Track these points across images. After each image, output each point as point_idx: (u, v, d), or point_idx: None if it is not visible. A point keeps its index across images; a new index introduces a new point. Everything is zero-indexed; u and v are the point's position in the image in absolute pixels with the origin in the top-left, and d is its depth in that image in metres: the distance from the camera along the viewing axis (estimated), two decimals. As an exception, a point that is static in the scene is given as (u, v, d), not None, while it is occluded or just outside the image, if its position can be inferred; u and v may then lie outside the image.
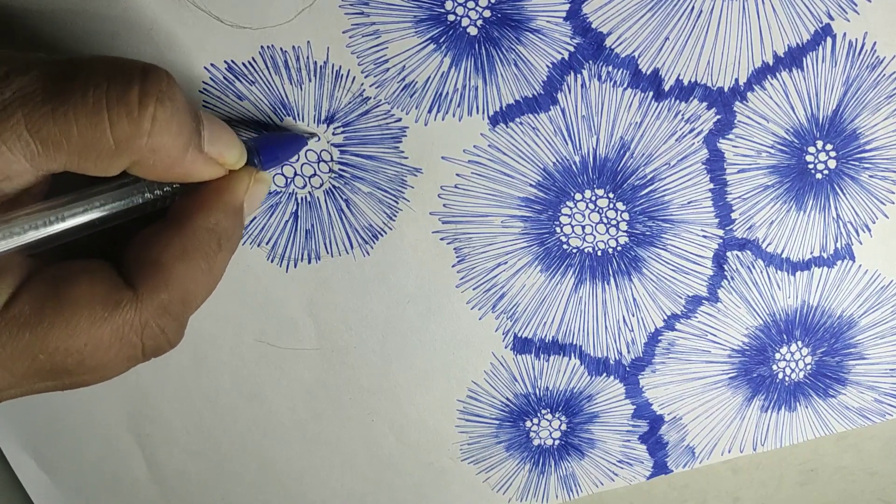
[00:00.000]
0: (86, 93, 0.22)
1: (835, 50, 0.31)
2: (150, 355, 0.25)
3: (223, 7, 0.29)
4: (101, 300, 0.24)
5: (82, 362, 0.24)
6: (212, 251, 0.26)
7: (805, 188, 0.33)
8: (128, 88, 0.23)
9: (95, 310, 0.23)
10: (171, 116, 0.23)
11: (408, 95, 0.31)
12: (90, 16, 0.28)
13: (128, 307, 0.24)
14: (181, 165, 0.24)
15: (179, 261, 0.25)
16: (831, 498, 0.40)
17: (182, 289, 0.25)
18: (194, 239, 0.25)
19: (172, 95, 0.23)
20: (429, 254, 0.33)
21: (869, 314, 0.35)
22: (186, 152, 0.24)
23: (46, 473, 0.36)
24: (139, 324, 0.24)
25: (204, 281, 0.26)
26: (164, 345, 0.26)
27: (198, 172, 0.25)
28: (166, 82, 0.23)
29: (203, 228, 0.26)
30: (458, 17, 0.30)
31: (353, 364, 0.35)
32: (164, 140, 0.23)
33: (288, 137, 0.30)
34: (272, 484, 0.37)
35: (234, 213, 0.27)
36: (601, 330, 0.35)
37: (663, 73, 0.31)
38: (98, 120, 0.22)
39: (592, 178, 0.32)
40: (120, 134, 0.22)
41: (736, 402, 0.37)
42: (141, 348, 0.25)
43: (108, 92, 0.22)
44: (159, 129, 0.23)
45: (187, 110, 0.24)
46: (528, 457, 0.37)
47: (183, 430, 0.36)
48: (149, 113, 0.23)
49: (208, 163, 0.25)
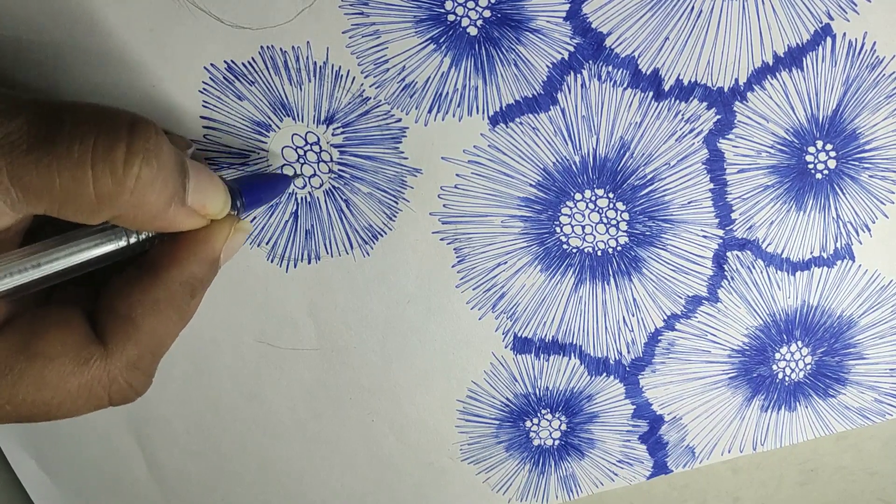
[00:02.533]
0: (71, 146, 0.22)
1: (835, 50, 0.31)
2: (117, 405, 0.26)
3: (223, 7, 0.29)
4: (71, 355, 0.24)
5: (48, 412, 0.24)
6: (184, 302, 0.26)
7: (805, 188, 0.33)
8: (114, 145, 0.22)
9: (66, 364, 0.23)
10: (157, 174, 0.23)
11: (408, 95, 0.31)
12: (90, 16, 0.28)
13: (97, 363, 0.24)
14: (163, 218, 0.24)
15: (151, 315, 0.25)
16: (831, 498, 0.40)
17: (151, 342, 0.25)
18: (168, 292, 0.25)
19: (159, 153, 0.23)
20: (429, 254, 0.33)
21: (869, 314, 0.35)
22: (169, 207, 0.24)
23: (46, 473, 0.36)
24: (107, 379, 0.24)
25: (174, 329, 0.26)
26: (132, 396, 0.26)
27: (179, 224, 0.25)
28: (154, 139, 0.23)
29: (177, 282, 0.26)
30: (458, 17, 0.30)
31: (353, 364, 0.35)
32: (148, 198, 0.23)
33: (272, 178, 0.30)
34: (272, 484, 0.37)
35: (210, 265, 0.27)
36: (601, 330, 0.35)
37: (663, 73, 0.31)
38: (81, 175, 0.22)
39: (592, 178, 0.32)
40: (103, 190, 0.22)
41: (736, 402, 0.37)
42: (108, 399, 0.25)
43: (94, 147, 0.22)
44: (143, 187, 0.23)
45: (174, 166, 0.24)
46: (528, 457, 0.37)
47: (183, 430, 0.36)
48: (133, 172, 0.22)
49: (190, 215, 0.25)
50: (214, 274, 0.27)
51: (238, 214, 0.28)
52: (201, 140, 0.31)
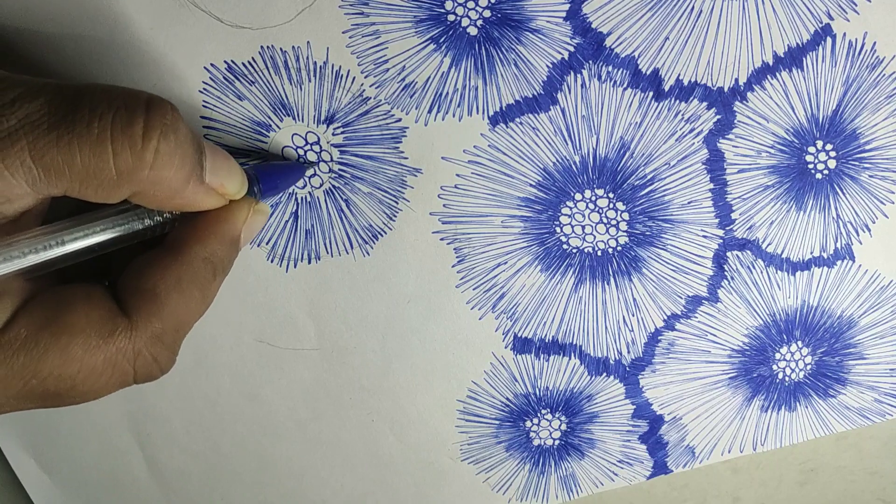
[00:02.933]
0: (91, 123, 0.22)
1: (835, 50, 0.31)
2: (142, 381, 0.26)
3: (223, 7, 0.29)
4: (96, 328, 0.24)
5: (74, 387, 0.24)
6: (206, 280, 0.26)
7: (805, 188, 0.33)
8: (132, 120, 0.23)
9: (90, 337, 0.24)
10: (175, 149, 0.23)
11: (408, 95, 0.31)
12: (90, 16, 0.28)
13: (122, 336, 0.24)
14: (182, 196, 0.25)
15: (174, 291, 0.25)
16: (831, 498, 0.40)
17: (176, 318, 0.25)
18: (190, 269, 0.26)
19: (176, 128, 0.24)
20: (429, 254, 0.33)
21: (869, 314, 0.35)
22: (188, 184, 0.24)
23: (46, 473, 0.36)
24: (132, 352, 0.25)
25: (196, 308, 0.26)
26: (156, 372, 0.26)
27: (198, 202, 0.26)
28: (171, 115, 0.24)
29: (199, 259, 0.26)
30: (458, 17, 0.30)
31: (353, 364, 0.35)
32: (167, 172, 0.23)
33: (288, 166, 0.31)
34: (272, 484, 0.37)
35: (231, 244, 0.27)
36: (601, 330, 0.35)
37: (663, 73, 0.31)
38: (101, 150, 0.22)
39: (592, 178, 0.32)
40: (123, 165, 0.23)
41: (736, 402, 0.37)
42: (133, 375, 0.25)
43: (113, 123, 0.22)
44: (162, 161, 0.23)
45: (191, 142, 0.24)
46: (528, 457, 0.37)
47: (183, 430, 0.36)
48: (152, 146, 0.23)
49: (209, 193, 0.26)
50: (235, 255, 0.28)
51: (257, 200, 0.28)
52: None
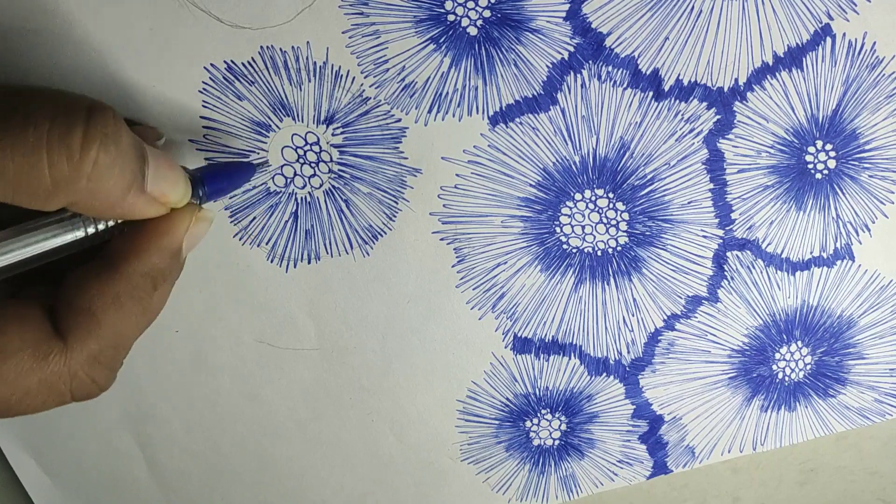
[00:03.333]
0: (26, 129, 0.21)
1: (834, 50, 0.31)
2: (79, 400, 0.25)
3: (223, 7, 0.29)
4: (30, 351, 0.23)
5: (8, 409, 0.24)
6: (146, 294, 0.25)
7: (805, 188, 0.33)
8: (70, 129, 0.22)
9: (24, 360, 0.23)
10: (114, 160, 0.23)
11: (407, 96, 0.31)
12: (90, 16, 0.28)
13: (57, 359, 0.24)
14: (121, 206, 0.24)
15: (112, 308, 0.25)
16: (831, 498, 0.40)
17: (114, 336, 0.25)
18: (129, 284, 0.25)
19: (117, 138, 0.23)
20: (429, 254, 0.33)
21: (868, 314, 0.35)
22: (128, 194, 0.24)
23: (46, 473, 0.36)
24: (68, 375, 0.24)
25: (137, 323, 0.26)
26: (95, 391, 0.25)
27: (138, 212, 0.25)
28: (112, 124, 0.23)
29: (138, 273, 0.25)
30: (457, 17, 0.30)
31: (353, 364, 0.35)
32: (105, 184, 0.23)
33: (235, 167, 0.30)
34: (272, 484, 0.37)
35: (172, 255, 0.26)
36: (601, 330, 0.35)
37: (663, 73, 0.31)
38: (36, 159, 0.21)
39: (592, 178, 0.32)
40: (58, 175, 0.22)
41: (736, 402, 0.37)
42: (70, 395, 0.25)
43: (50, 131, 0.22)
44: (100, 173, 0.22)
45: (132, 152, 0.24)
46: (528, 457, 0.37)
47: (183, 430, 0.36)
48: (91, 157, 0.22)
49: (150, 203, 0.25)
50: (178, 266, 0.27)
51: (200, 204, 0.27)
52: (201, 140, 0.31)
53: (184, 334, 0.34)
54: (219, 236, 0.32)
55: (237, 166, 0.30)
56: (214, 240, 0.32)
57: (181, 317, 0.33)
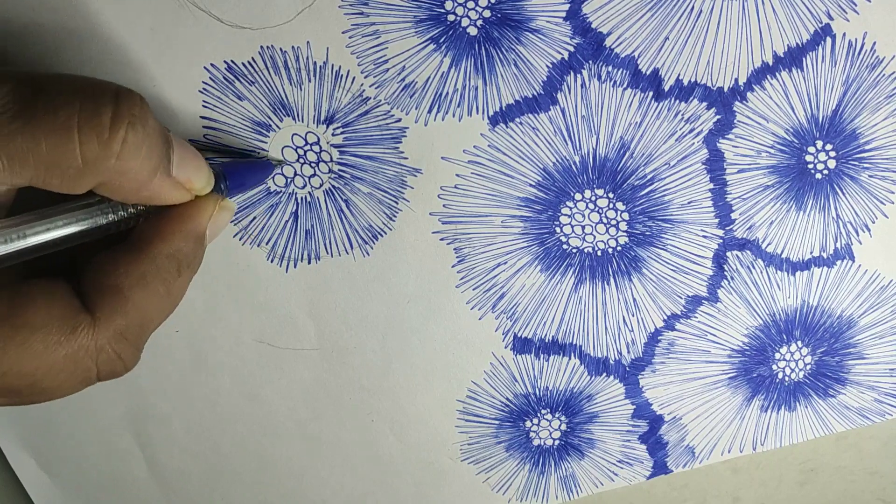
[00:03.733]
0: (57, 111, 0.22)
1: (834, 50, 0.31)
2: (105, 378, 0.25)
3: (223, 7, 0.29)
4: (57, 324, 0.23)
5: (34, 384, 0.24)
6: (171, 277, 0.26)
7: (805, 188, 0.33)
8: (100, 110, 0.23)
9: (51, 334, 0.23)
10: (143, 140, 0.23)
11: (408, 96, 0.31)
12: (90, 16, 0.28)
13: (84, 332, 0.24)
14: (148, 188, 0.24)
15: (138, 287, 0.25)
16: (831, 498, 0.40)
17: (140, 314, 0.25)
18: (154, 265, 0.25)
19: (145, 120, 0.23)
20: (429, 254, 0.33)
21: (868, 314, 0.35)
22: (154, 176, 0.24)
23: (46, 473, 0.36)
24: (94, 349, 0.24)
25: (162, 306, 0.26)
26: (120, 369, 0.26)
27: (164, 196, 0.25)
28: (139, 106, 0.23)
29: (163, 255, 0.26)
30: (457, 17, 0.30)
31: (353, 364, 0.35)
32: (133, 163, 0.23)
33: (256, 164, 0.31)
34: (272, 484, 0.37)
35: (196, 240, 0.27)
36: (601, 330, 0.35)
37: (663, 73, 0.31)
38: (67, 139, 0.22)
39: (592, 178, 0.32)
40: (89, 154, 0.22)
41: (736, 402, 0.37)
42: (95, 372, 0.25)
43: (80, 112, 0.22)
44: (129, 152, 0.23)
45: (159, 135, 0.24)
46: (528, 457, 0.37)
47: (183, 430, 0.36)
48: (119, 136, 0.23)
49: (175, 187, 0.26)
50: (201, 252, 0.27)
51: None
52: (201, 140, 0.31)
53: (184, 334, 0.34)
54: (219, 236, 0.32)
55: (257, 163, 0.31)
56: (215, 240, 0.32)
57: (181, 317, 0.33)
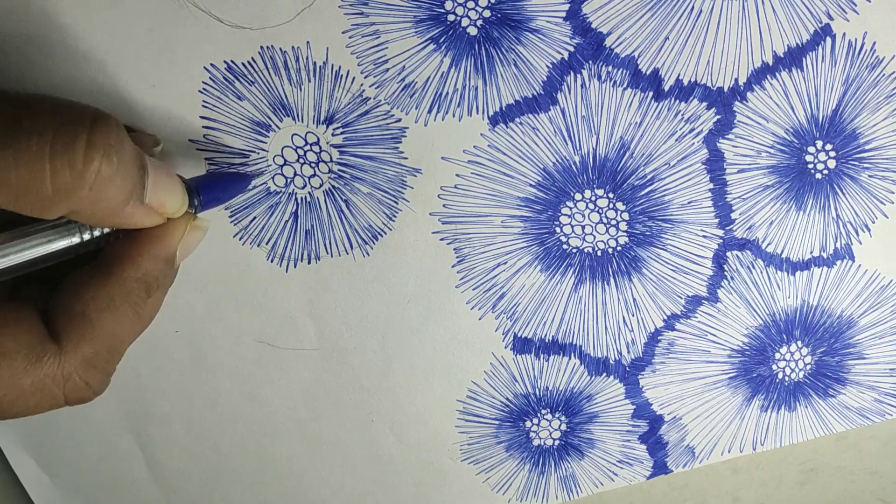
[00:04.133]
0: (29, 138, 0.22)
1: (834, 50, 0.31)
2: (73, 404, 0.25)
3: (223, 7, 0.29)
4: (23, 352, 0.23)
5: (1, 412, 0.24)
6: (140, 300, 0.26)
7: (805, 188, 0.33)
8: (74, 139, 0.22)
9: (17, 361, 0.23)
10: (116, 171, 0.23)
11: (407, 96, 0.31)
12: (90, 16, 0.28)
13: (50, 361, 0.24)
14: (120, 215, 0.24)
15: (106, 311, 0.25)
16: (831, 498, 0.40)
17: (108, 340, 0.25)
18: (122, 289, 0.25)
19: (120, 149, 0.23)
20: (429, 254, 0.33)
21: (868, 314, 0.35)
22: (128, 203, 0.24)
23: (46, 473, 0.36)
24: (61, 377, 0.24)
25: (131, 328, 0.26)
26: (89, 395, 0.25)
27: (136, 221, 0.25)
28: (115, 135, 0.23)
29: (132, 279, 0.25)
30: (457, 17, 0.30)
31: (353, 364, 0.35)
32: (106, 193, 0.23)
33: (231, 177, 0.30)
34: (272, 484, 0.37)
35: (166, 261, 0.27)
36: (601, 330, 0.35)
37: (663, 73, 0.31)
38: (39, 168, 0.22)
39: (592, 178, 0.32)
40: (60, 183, 0.22)
41: (736, 401, 0.37)
42: (63, 399, 0.25)
43: (54, 140, 0.22)
44: (102, 182, 0.23)
45: (134, 162, 0.24)
46: (528, 457, 0.37)
47: (183, 430, 0.36)
48: (93, 167, 0.22)
49: (148, 213, 0.25)
50: (172, 273, 0.27)
51: (195, 213, 0.28)
52: (201, 140, 0.31)
53: (184, 334, 0.34)
54: (219, 236, 0.32)
55: (233, 176, 0.30)
56: (214, 240, 0.32)
57: (181, 317, 0.33)
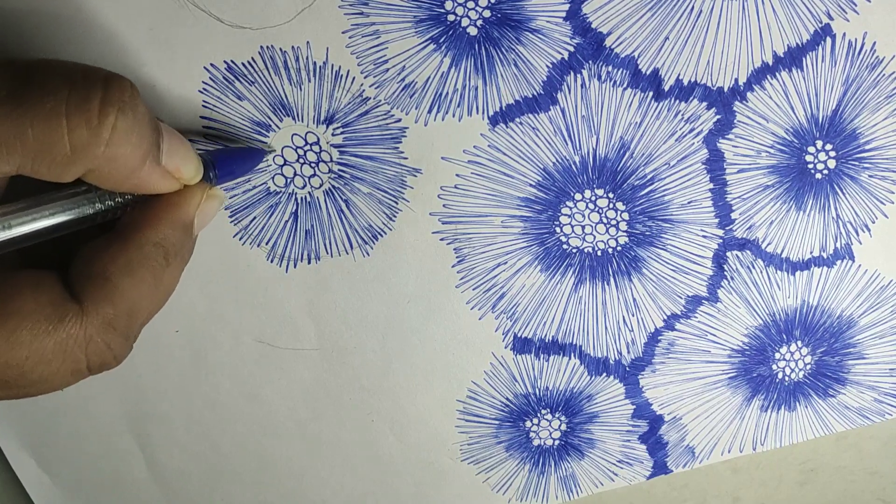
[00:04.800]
0: (44, 96, 0.22)
1: (834, 50, 0.31)
2: (96, 370, 0.25)
3: (223, 7, 0.29)
4: (45, 313, 0.23)
5: (23, 375, 0.23)
6: (159, 266, 0.26)
7: (805, 188, 0.33)
8: (89, 96, 0.22)
9: (39, 323, 0.23)
10: (132, 127, 0.23)
11: (407, 96, 0.31)
12: (90, 16, 0.28)
13: (72, 321, 0.24)
14: (137, 176, 0.24)
15: (125, 274, 0.25)
16: (831, 498, 0.40)
17: (128, 303, 0.25)
18: (140, 253, 0.25)
19: (135, 106, 0.23)
20: (429, 254, 0.33)
21: (868, 314, 0.35)
22: (144, 164, 0.24)
23: (46, 473, 0.36)
24: (83, 338, 0.24)
25: (151, 295, 0.26)
26: (110, 360, 0.25)
27: (153, 185, 0.25)
28: (129, 92, 0.23)
29: (150, 242, 0.26)
30: (457, 17, 0.30)
31: (353, 364, 0.35)
32: (123, 150, 0.23)
33: (245, 152, 0.30)
34: (272, 484, 0.37)
35: (184, 229, 0.27)
36: (601, 330, 0.35)
37: (663, 73, 0.31)
38: (56, 125, 0.22)
39: (592, 178, 0.32)
40: (77, 140, 0.22)
41: (736, 401, 0.37)
42: (85, 363, 0.25)
43: (69, 98, 0.22)
44: (118, 138, 0.23)
45: (148, 122, 0.24)
46: (527, 457, 0.37)
47: (183, 430, 0.36)
48: (109, 122, 0.23)
49: (164, 176, 0.25)
50: (190, 242, 0.27)
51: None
52: (201, 140, 0.31)
53: (184, 334, 0.34)
54: (219, 236, 0.32)
55: (247, 151, 0.30)
56: (214, 240, 0.32)
57: (181, 317, 0.33)
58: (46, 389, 0.25)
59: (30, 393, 0.25)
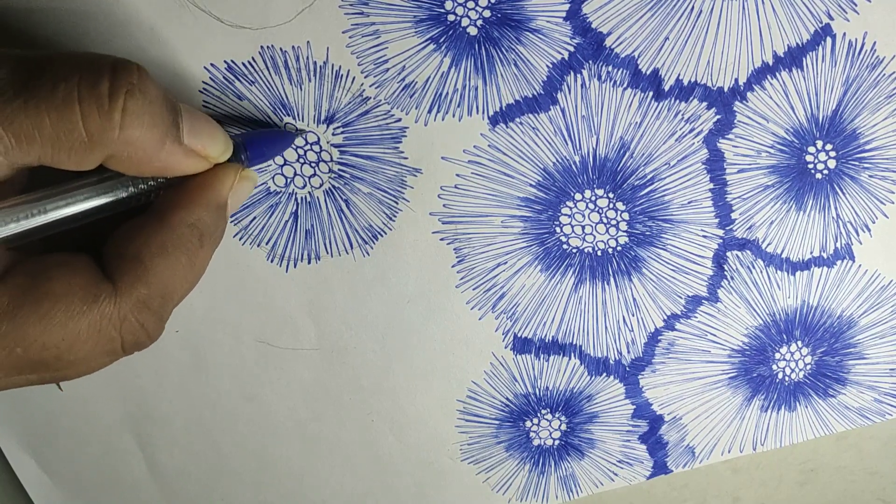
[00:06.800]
0: (56, 86, 0.22)
1: (834, 50, 0.31)
2: (130, 350, 0.25)
3: (223, 7, 0.29)
4: (79, 294, 0.23)
5: (60, 356, 0.24)
6: (193, 247, 0.26)
7: (805, 188, 0.33)
8: (98, 82, 0.23)
9: (73, 303, 0.23)
10: (143, 108, 0.23)
11: (408, 95, 0.31)
12: (90, 16, 0.28)
13: (106, 301, 0.24)
14: (158, 158, 0.24)
15: (159, 256, 0.25)
16: (831, 498, 0.40)
17: (162, 284, 0.25)
18: (175, 234, 0.25)
19: (144, 88, 0.23)
20: (429, 254, 0.33)
21: (869, 314, 0.35)
22: (163, 145, 0.24)
23: (46, 473, 0.36)
24: (118, 318, 0.24)
25: (184, 276, 0.26)
26: (144, 339, 0.26)
27: (178, 165, 0.25)
28: (137, 75, 0.23)
29: (184, 224, 0.26)
30: (458, 17, 0.30)
31: (353, 364, 0.35)
32: (138, 133, 0.23)
33: (276, 133, 0.30)
34: (272, 484, 0.37)
35: (217, 210, 0.27)
36: (601, 330, 0.35)
37: (663, 73, 0.31)
38: (69, 113, 0.22)
39: (592, 178, 0.32)
40: (92, 126, 0.22)
41: (736, 401, 0.37)
42: (120, 342, 0.25)
43: (79, 85, 0.22)
44: (131, 121, 0.23)
45: (162, 102, 0.24)
46: (527, 457, 0.37)
47: (183, 430, 0.36)
48: (119, 105, 0.23)
49: (189, 155, 0.25)
50: (223, 224, 0.27)
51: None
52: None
53: (184, 334, 0.34)
54: (219, 236, 0.32)
55: (278, 132, 0.30)
56: (214, 240, 0.32)
57: (181, 317, 0.33)
58: (82, 371, 0.25)
59: (68, 375, 0.25)
